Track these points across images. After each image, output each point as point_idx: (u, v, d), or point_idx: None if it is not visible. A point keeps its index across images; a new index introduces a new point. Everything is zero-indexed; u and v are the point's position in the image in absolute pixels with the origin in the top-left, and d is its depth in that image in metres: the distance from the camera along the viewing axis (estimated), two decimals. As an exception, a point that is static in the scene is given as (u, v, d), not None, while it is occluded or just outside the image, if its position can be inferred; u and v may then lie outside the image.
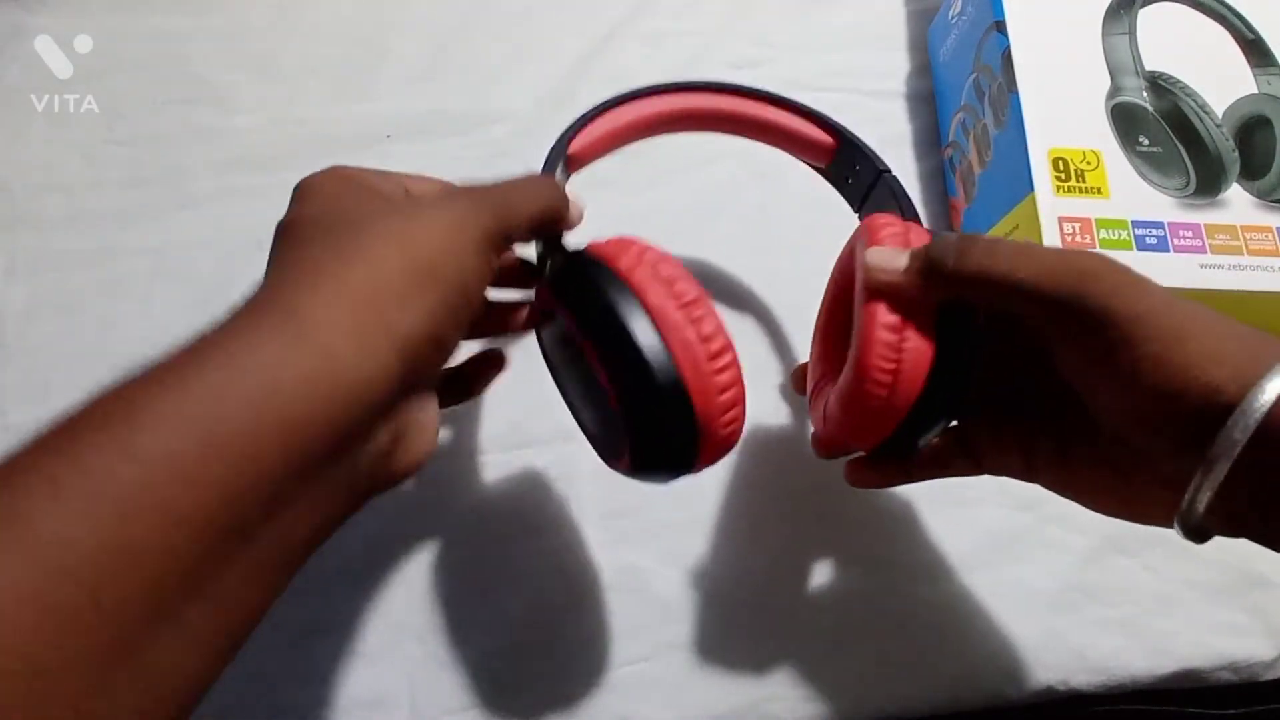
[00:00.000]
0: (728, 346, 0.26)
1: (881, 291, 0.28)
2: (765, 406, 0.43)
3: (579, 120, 0.36)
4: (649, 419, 0.26)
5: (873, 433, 0.29)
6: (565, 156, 0.35)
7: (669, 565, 0.40)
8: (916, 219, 0.33)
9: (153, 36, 0.52)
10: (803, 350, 0.41)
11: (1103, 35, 0.43)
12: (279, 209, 0.53)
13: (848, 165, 0.38)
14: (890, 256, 0.27)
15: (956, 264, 0.26)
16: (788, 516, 0.41)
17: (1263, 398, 0.21)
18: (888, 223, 0.30)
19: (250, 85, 0.51)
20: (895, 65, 0.54)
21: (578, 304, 0.27)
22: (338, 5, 0.54)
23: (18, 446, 0.18)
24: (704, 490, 0.42)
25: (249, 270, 0.46)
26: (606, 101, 0.37)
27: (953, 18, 0.49)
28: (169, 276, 0.46)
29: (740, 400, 0.27)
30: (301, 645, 0.38)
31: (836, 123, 0.38)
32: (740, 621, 0.39)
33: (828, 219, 0.39)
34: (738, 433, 0.28)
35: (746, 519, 0.41)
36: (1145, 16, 0.43)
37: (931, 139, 0.51)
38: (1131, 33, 0.43)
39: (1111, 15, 0.44)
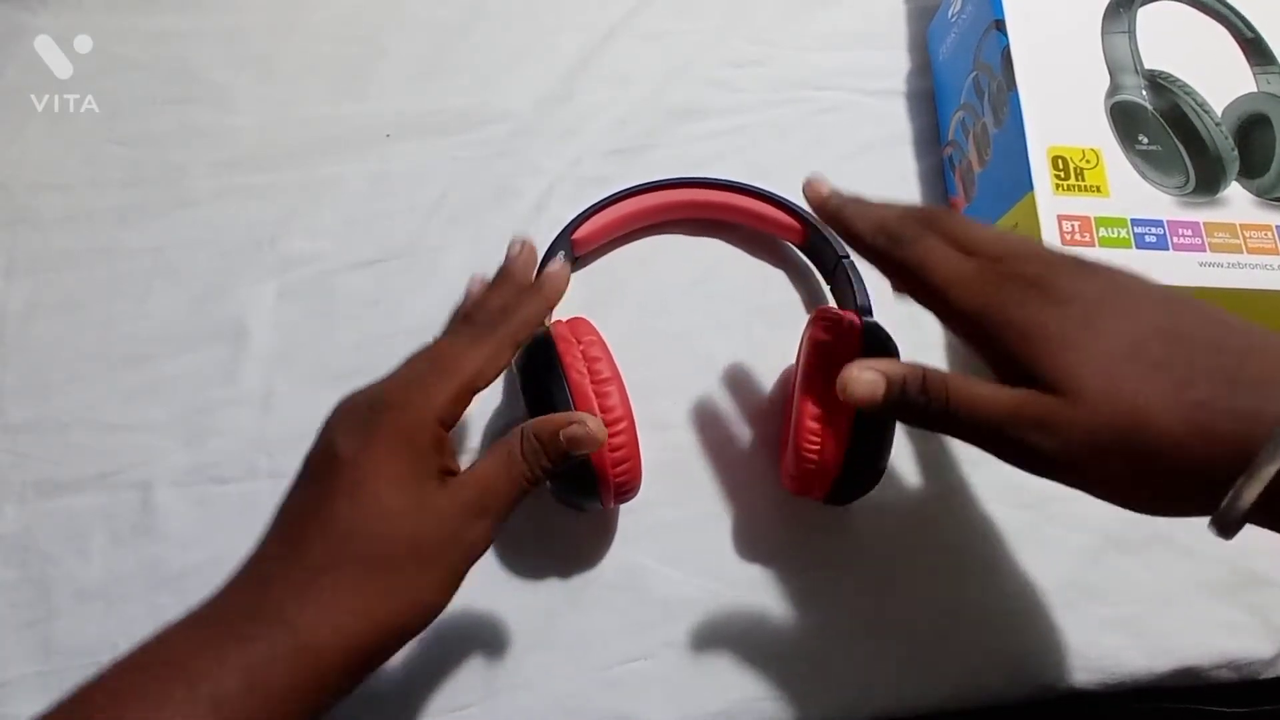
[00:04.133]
0: (625, 415, 0.35)
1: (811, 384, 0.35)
2: (766, 411, 0.43)
3: (584, 212, 0.44)
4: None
5: (816, 490, 0.36)
6: (570, 243, 0.43)
7: (669, 564, 0.40)
8: (866, 303, 0.40)
9: (152, 36, 0.52)
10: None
11: (1102, 34, 0.43)
12: (278, 208, 0.53)
13: (816, 245, 0.44)
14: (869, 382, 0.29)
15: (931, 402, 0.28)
16: (787, 516, 0.41)
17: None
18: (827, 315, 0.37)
19: (250, 85, 0.51)
20: (895, 64, 0.54)
21: (525, 374, 0.36)
22: (337, 5, 0.54)
23: None
24: (704, 490, 0.42)
25: (248, 269, 0.46)
26: (609, 196, 0.45)
27: (952, 16, 0.49)
28: (168, 276, 0.46)
29: (632, 456, 0.35)
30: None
31: (806, 211, 0.42)
32: (740, 620, 0.39)
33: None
34: (630, 479, 0.36)
35: (747, 518, 0.41)
36: (1145, 15, 0.43)
37: (931, 137, 0.51)
38: (1131, 31, 0.43)
39: (1111, 14, 0.44)
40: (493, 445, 0.30)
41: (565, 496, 0.37)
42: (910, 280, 0.29)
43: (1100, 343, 0.25)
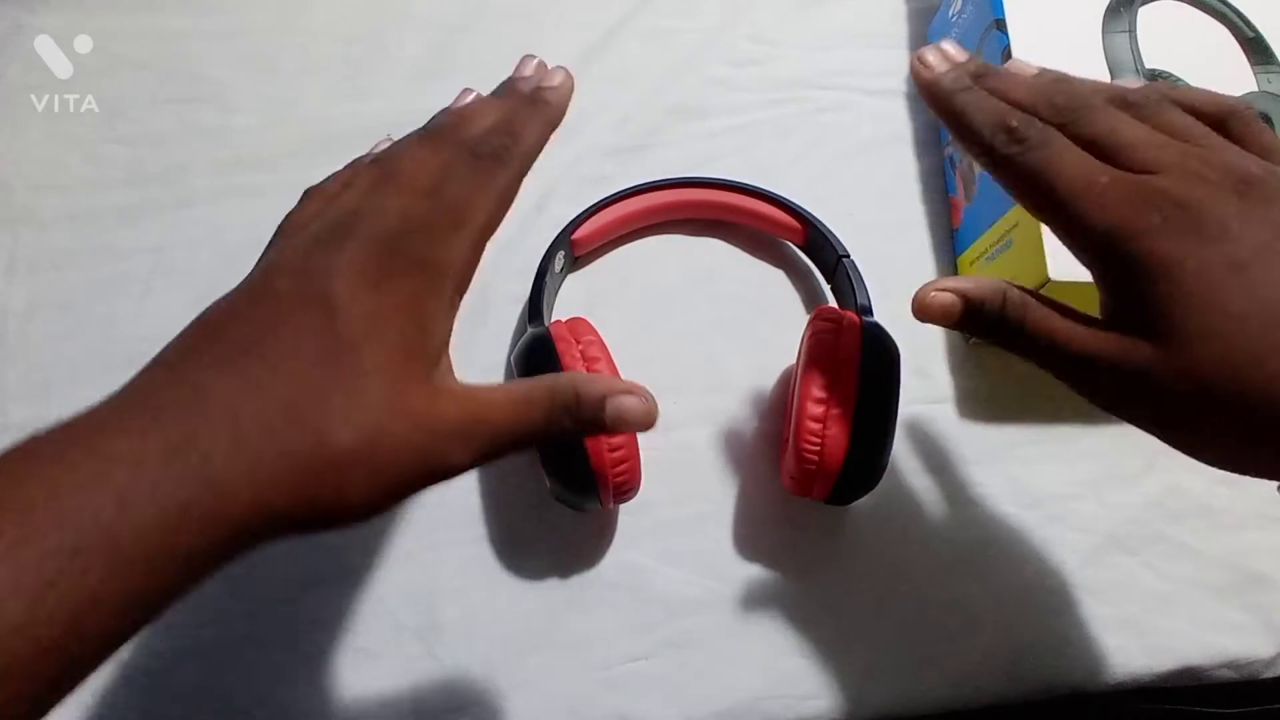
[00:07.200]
0: None
1: (814, 371, 0.35)
2: (767, 411, 0.44)
3: (584, 212, 0.44)
4: (559, 466, 0.35)
5: (816, 490, 0.36)
6: (570, 243, 0.44)
7: (669, 564, 0.40)
8: (866, 302, 0.40)
9: (153, 36, 0.52)
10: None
11: (1103, 33, 0.43)
12: (279, 208, 0.52)
13: (817, 245, 0.44)
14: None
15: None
16: (788, 515, 0.41)
17: None
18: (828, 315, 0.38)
19: (250, 85, 0.51)
20: (895, 63, 0.54)
21: (523, 374, 0.35)
22: (337, 5, 0.54)
23: None
24: (704, 489, 0.42)
25: (249, 269, 0.46)
26: (609, 196, 0.45)
27: (953, 16, 0.49)
28: (169, 275, 0.46)
29: (631, 456, 0.35)
30: (302, 644, 0.38)
31: (806, 211, 0.44)
32: (740, 620, 0.39)
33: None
34: (630, 479, 0.36)
35: (747, 518, 0.41)
36: (1145, 14, 0.43)
37: (932, 137, 0.51)
38: (1131, 31, 0.43)
39: (1111, 13, 0.43)
40: (518, 380, 0.27)
41: (564, 496, 0.37)
42: (1029, 189, 0.25)
43: (1237, 299, 0.21)
